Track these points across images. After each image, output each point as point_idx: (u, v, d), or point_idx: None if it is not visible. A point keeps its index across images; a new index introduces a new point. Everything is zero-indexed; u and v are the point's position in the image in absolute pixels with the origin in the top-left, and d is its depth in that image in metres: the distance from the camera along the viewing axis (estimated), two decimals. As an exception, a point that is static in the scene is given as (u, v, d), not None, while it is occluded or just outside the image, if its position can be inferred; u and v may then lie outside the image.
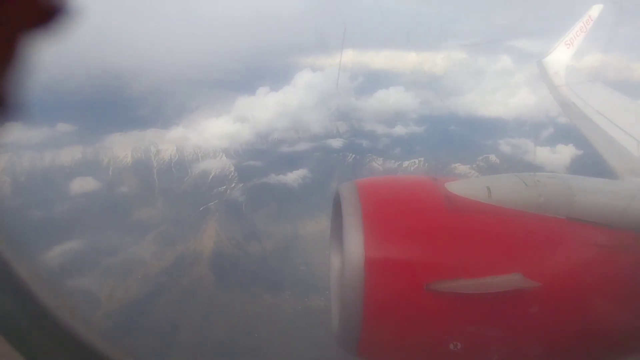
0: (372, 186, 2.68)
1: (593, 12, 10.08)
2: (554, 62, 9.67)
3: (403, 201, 2.51)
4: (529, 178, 2.52)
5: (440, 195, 2.41)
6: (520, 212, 2.34)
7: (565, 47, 10.03)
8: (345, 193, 2.43)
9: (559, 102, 7.48)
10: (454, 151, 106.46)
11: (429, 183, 2.63)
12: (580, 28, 10.07)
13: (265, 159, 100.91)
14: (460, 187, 2.49)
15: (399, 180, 3.20)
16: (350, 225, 2.20)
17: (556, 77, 8.72)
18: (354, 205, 2.29)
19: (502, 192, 2.43)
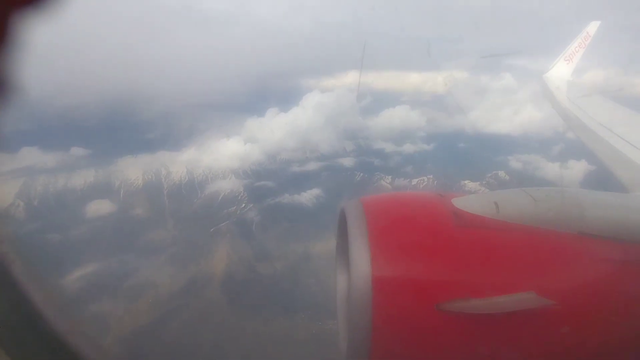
0: (378, 203, 2.60)
1: (591, 29, 10.35)
2: (554, 77, 9.90)
3: (410, 217, 2.44)
4: (538, 193, 2.46)
5: (447, 211, 2.35)
6: (530, 228, 2.27)
7: (565, 62, 10.30)
8: (350, 210, 2.37)
9: (562, 116, 7.47)
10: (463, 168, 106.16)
11: (435, 199, 2.57)
12: (579, 44, 10.34)
13: (277, 179, 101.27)
14: (468, 202, 2.43)
15: (404, 197, 3.12)
16: (356, 243, 2.14)
17: (558, 92, 8.80)
18: (359, 223, 2.23)
19: (510, 208, 2.36)
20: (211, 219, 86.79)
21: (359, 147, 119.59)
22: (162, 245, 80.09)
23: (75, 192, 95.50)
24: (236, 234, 79.47)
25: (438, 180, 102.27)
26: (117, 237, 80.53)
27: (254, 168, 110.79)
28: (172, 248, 77.98)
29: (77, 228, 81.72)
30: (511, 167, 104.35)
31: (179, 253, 75.77)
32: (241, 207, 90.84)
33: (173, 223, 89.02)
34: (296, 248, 76.87)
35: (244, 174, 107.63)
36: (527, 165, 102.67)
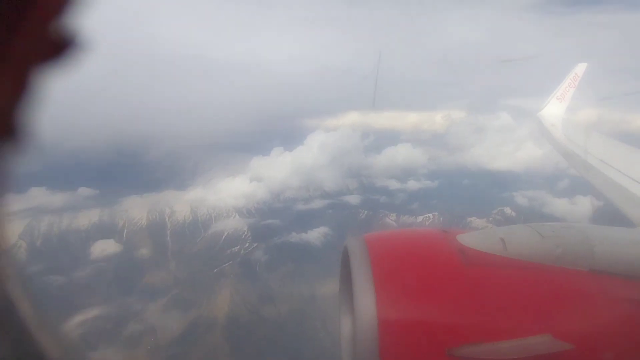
0: (381, 241, 2.54)
1: (579, 70, 10.96)
2: (549, 115, 10.24)
3: (415, 255, 2.37)
4: (544, 228, 2.39)
5: (453, 249, 2.27)
6: (539, 266, 2.20)
7: (558, 101, 10.70)
8: (354, 249, 2.29)
9: (561, 153, 7.54)
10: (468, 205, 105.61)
11: (440, 236, 2.49)
12: (569, 84, 10.86)
13: (283, 218, 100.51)
14: (473, 239, 2.35)
15: (409, 234, 3.03)
16: (360, 283, 2.05)
17: (554, 129, 8.97)
18: (363, 262, 2.15)
19: (517, 244, 2.30)
20: (214, 259, 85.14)
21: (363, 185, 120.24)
22: (164, 288, 77.81)
23: (79, 232, 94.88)
24: (240, 274, 77.46)
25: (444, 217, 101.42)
26: (118, 280, 78.54)
27: (259, 207, 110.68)
28: (173, 290, 75.72)
29: (80, 270, 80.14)
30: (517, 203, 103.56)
31: (181, 296, 73.40)
32: (245, 246, 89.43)
33: (175, 264, 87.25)
34: (302, 289, 74.37)
35: (248, 212, 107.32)
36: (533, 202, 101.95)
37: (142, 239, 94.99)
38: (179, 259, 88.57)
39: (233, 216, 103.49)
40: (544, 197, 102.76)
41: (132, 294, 76.64)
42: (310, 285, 73.92)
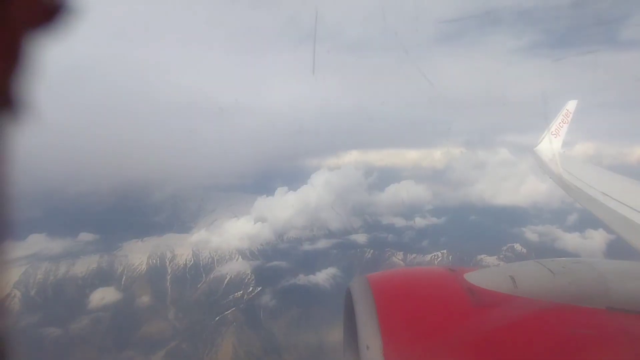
0: (386, 281, 2.39)
1: (570, 106, 11.46)
2: (546, 150, 10.55)
3: (421, 296, 2.24)
4: (554, 265, 2.30)
5: (461, 288, 2.17)
6: (553, 304, 2.09)
7: (553, 136, 11.10)
8: (357, 290, 2.19)
9: (562, 187, 7.53)
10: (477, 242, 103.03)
11: (446, 275, 2.39)
12: (562, 120, 11.29)
13: (290, 259, 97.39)
14: (481, 277, 2.25)
15: (414, 273, 2.86)
16: (365, 326, 1.95)
17: (552, 163, 9.13)
18: (367, 304, 2.06)
19: (528, 282, 2.20)
20: (216, 306, 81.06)
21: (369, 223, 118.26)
22: (162, 339, 73.27)
23: (76, 280, 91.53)
24: (243, 322, 73.21)
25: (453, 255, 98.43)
26: (115, 330, 74.21)
27: (263, 248, 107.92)
28: (171, 342, 71.17)
29: (76, 320, 75.97)
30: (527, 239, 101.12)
31: (180, 347, 68.81)
32: (248, 291, 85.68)
33: (175, 312, 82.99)
34: (309, 337, 69.72)
35: (251, 254, 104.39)
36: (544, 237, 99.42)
37: (141, 286, 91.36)
38: (178, 307, 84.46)
39: (236, 259, 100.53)
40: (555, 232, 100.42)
41: (129, 347, 71.98)
42: (318, 333, 69.54)
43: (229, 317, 74.78)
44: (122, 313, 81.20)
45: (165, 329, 77.24)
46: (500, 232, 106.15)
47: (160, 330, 76.92)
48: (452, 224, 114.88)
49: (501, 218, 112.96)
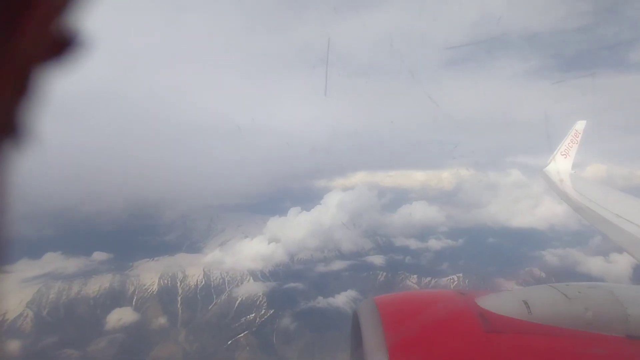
0: (394, 304, 2.33)
1: (578, 127, 11.31)
2: (556, 171, 10.27)
3: (430, 320, 2.14)
4: (569, 289, 2.22)
5: (472, 313, 2.10)
6: (569, 331, 1.99)
7: (562, 157, 10.87)
8: (364, 313, 2.13)
9: (574, 208, 7.38)
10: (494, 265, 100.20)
11: (457, 298, 2.31)
12: (571, 140, 11.13)
13: (306, 281, 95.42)
14: (493, 302, 2.18)
15: (423, 296, 2.78)
16: (372, 350, 1.89)
17: (563, 185, 8.89)
18: (374, 327, 1.99)
19: (542, 307, 2.11)
20: (227, 329, 79.23)
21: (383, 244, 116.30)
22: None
23: (88, 300, 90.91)
24: (256, 346, 71.23)
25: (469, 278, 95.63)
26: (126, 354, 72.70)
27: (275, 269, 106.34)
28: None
29: (93, 342, 74.82)
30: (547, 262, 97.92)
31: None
32: (260, 313, 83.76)
33: (185, 335, 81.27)
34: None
35: (262, 276, 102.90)
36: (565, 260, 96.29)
37: (152, 307, 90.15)
38: (189, 329, 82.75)
39: (247, 280, 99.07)
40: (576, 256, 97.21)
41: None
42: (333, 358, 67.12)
43: (242, 341, 72.92)
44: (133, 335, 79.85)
45: (175, 353, 75.44)
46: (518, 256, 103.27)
47: (171, 354, 75.14)
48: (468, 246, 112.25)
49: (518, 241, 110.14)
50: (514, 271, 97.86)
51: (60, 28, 0.34)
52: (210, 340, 77.39)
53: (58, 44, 0.35)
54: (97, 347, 73.58)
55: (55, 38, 0.35)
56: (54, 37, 0.35)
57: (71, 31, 0.35)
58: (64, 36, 0.35)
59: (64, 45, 0.35)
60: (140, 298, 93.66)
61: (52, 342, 72.97)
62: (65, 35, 0.35)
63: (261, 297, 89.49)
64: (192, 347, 76.68)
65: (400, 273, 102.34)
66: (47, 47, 0.34)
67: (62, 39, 0.35)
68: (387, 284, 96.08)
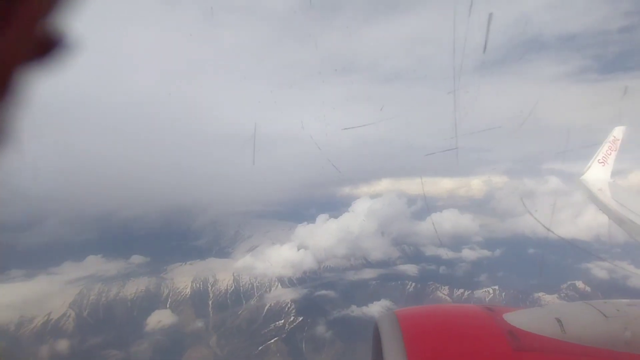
0: (415, 318, 2.21)
1: (617, 133, 10.56)
2: (593, 179, 9.54)
3: (454, 336, 2.03)
4: (606, 307, 2.08)
5: (500, 330, 1.97)
6: (606, 352, 1.86)
7: (600, 165, 10.08)
8: (385, 326, 2.01)
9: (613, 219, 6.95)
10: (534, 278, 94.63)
11: (483, 314, 2.18)
12: (609, 147, 10.37)
13: (330, 288, 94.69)
14: (523, 319, 2.07)
15: (446, 311, 2.61)
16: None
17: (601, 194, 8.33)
18: (395, 342, 1.89)
19: (577, 326, 1.97)
20: (257, 335, 79.68)
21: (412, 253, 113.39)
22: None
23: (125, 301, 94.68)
24: (286, 353, 71.01)
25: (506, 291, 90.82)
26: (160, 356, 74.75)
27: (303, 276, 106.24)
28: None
29: (126, 344, 77.77)
30: (593, 275, 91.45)
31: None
32: (290, 320, 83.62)
33: (216, 339, 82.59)
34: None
35: (290, 282, 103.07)
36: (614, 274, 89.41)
37: (185, 310, 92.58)
38: (220, 333, 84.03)
39: (275, 286, 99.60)
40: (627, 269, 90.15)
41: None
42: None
43: (273, 347, 72.94)
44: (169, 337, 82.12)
45: (207, 356, 76.68)
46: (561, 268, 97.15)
47: (203, 357, 76.47)
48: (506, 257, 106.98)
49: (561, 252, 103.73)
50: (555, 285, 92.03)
51: (46, 29, 0.34)
52: (241, 345, 78.06)
53: (43, 45, 0.34)
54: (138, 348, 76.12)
55: (40, 39, 0.34)
56: (38, 37, 0.34)
57: (57, 32, 0.35)
58: (49, 37, 0.34)
59: (49, 47, 0.35)
60: (175, 301, 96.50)
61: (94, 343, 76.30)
62: (51, 36, 0.34)
63: (289, 303, 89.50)
64: (222, 352, 77.67)
65: (430, 284, 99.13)
66: (32, 48, 0.34)
67: (47, 40, 0.34)
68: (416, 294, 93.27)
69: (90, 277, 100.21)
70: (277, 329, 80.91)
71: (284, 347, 73.15)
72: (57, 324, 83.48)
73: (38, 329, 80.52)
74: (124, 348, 75.68)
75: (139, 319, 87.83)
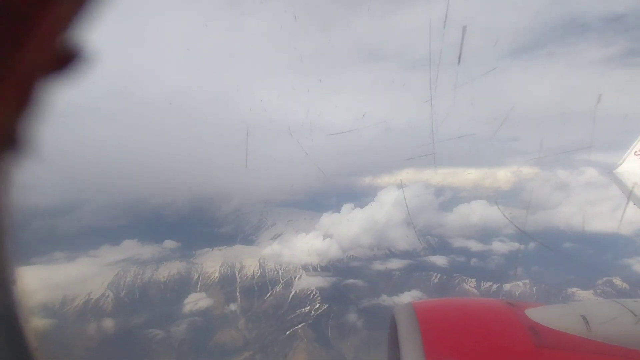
0: (434, 310, 2.15)
1: None
2: (629, 172, 8.38)
3: (474, 330, 1.98)
4: (637, 306, 2.00)
5: (522, 326, 1.91)
6: (634, 352, 1.79)
7: (636, 157, 8.83)
8: (403, 319, 1.97)
9: None
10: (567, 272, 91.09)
11: (505, 309, 2.10)
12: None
13: (366, 278, 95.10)
14: (546, 315, 2.00)
15: (466, 304, 2.54)
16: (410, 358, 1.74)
17: (637, 188, 7.09)
18: (413, 334, 1.84)
19: (604, 324, 1.90)
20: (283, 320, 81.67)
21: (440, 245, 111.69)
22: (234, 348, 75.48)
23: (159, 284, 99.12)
24: (313, 339, 72.47)
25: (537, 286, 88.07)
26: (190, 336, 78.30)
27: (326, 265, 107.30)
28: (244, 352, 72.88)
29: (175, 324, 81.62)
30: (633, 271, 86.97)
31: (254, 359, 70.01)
32: (315, 307, 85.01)
33: (245, 322, 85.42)
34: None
35: (314, 270, 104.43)
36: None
37: (214, 294, 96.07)
38: (248, 317, 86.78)
39: (300, 274, 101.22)
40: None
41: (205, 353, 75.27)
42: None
43: (300, 332, 74.53)
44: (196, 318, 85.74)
45: (236, 338, 79.50)
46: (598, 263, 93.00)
47: (232, 339, 79.33)
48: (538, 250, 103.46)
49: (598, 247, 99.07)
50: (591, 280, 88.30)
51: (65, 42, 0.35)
52: (268, 329, 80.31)
53: (62, 57, 0.36)
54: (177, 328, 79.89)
55: (59, 52, 0.35)
56: (57, 51, 0.35)
57: (76, 45, 0.36)
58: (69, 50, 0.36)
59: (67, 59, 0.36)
60: (204, 284, 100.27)
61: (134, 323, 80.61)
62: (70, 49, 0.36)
63: (315, 291, 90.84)
64: (251, 335, 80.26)
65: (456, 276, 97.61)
66: (51, 61, 0.35)
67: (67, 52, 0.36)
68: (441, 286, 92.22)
69: (127, 260, 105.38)
70: (303, 315, 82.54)
71: (311, 333, 74.59)
72: (97, 304, 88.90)
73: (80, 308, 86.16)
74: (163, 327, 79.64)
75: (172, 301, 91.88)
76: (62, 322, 78.61)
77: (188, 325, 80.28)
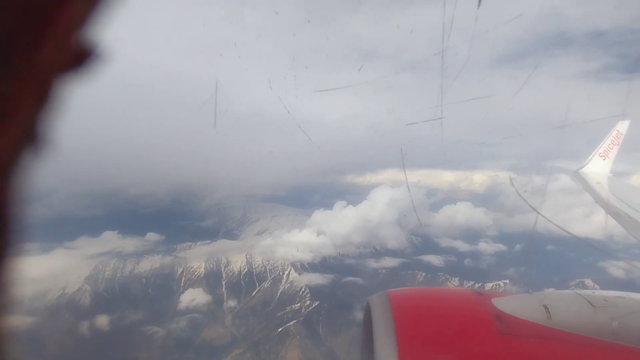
0: (407, 299, 2.25)
1: (620, 127, 10.46)
2: (592, 173, 9.55)
3: (444, 317, 2.09)
4: (594, 297, 2.13)
5: (488, 313, 2.02)
6: (592, 340, 1.89)
7: (600, 158, 10.11)
8: (377, 306, 2.06)
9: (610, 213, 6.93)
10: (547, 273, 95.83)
11: (473, 297, 2.22)
12: (612, 141, 10.40)
13: (364, 276, 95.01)
14: (510, 304, 2.11)
15: (438, 293, 2.69)
16: (383, 344, 1.81)
17: (599, 188, 8.41)
18: (386, 321, 1.93)
19: (564, 313, 2.02)
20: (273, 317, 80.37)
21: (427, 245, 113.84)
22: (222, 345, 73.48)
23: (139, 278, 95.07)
24: (305, 336, 71.78)
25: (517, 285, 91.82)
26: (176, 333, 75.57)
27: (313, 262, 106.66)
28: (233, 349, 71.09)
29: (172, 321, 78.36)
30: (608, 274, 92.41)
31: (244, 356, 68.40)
32: (305, 304, 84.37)
33: (232, 319, 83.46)
34: None
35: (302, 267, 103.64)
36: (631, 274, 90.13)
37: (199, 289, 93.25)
38: (234, 314, 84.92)
39: (288, 270, 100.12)
40: None
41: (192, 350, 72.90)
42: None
43: (292, 329, 73.66)
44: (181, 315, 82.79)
45: (224, 335, 77.51)
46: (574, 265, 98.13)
47: (219, 336, 77.29)
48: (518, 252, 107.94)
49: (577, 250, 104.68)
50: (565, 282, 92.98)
51: (81, 40, 0.37)
52: (257, 326, 78.86)
53: (78, 55, 0.37)
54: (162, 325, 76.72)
55: (76, 50, 0.37)
56: (74, 49, 0.37)
57: (91, 43, 0.37)
58: (84, 48, 0.37)
59: (84, 57, 0.37)
60: (189, 280, 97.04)
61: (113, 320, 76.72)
62: (85, 47, 0.37)
63: (303, 288, 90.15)
64: (239, 332, 78.49)
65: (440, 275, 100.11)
66: (68, 59, 0.36)
67: (82, 50, 0.37)
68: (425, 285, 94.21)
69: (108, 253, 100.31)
70: (293, 312, 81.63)
71: (303, 330, 73.89)
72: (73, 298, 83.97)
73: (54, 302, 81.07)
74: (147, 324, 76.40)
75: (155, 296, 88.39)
76: (35, 317, 73.60)
77: (173, 322, 77.48)
